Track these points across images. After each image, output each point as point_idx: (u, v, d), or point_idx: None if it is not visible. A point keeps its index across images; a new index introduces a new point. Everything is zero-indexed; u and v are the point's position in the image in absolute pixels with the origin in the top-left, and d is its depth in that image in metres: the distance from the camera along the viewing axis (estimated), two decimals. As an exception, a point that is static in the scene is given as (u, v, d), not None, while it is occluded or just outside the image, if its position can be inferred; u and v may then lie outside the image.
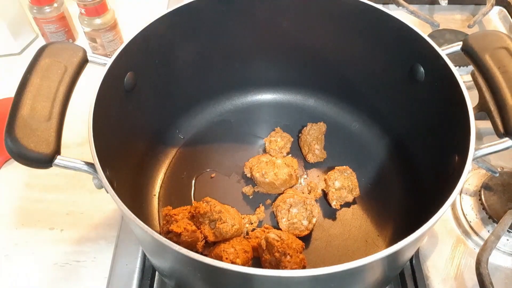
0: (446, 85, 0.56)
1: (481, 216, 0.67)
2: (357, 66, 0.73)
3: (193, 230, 0.59)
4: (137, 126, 0.67)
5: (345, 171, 0.70)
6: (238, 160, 0.75)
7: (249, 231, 0.66)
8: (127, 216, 0.43)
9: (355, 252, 0.64)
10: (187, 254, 0.40)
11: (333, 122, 0.79)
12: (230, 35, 0.72)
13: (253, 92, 0.83)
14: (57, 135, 0.46)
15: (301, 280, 0.40)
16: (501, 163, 0.73)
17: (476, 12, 1.05)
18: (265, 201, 0.70)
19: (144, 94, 0.66)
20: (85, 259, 0.64)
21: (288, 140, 0.76)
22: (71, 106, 0.50)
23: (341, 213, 0.69)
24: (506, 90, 0.49)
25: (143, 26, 0.61)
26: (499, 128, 0.69)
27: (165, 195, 0.71)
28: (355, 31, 0.68)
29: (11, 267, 0.63)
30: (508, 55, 0.52)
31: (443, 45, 0.62)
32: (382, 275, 0.51)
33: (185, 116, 0.79)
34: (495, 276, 0.62)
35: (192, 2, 0.65)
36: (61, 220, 0.68)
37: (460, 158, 0.50)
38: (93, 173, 0.47)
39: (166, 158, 0.75)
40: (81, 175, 0.50)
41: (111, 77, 0.56)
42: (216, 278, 0.46)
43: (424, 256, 0.64)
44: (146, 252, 0.63)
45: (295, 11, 0.69)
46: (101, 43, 0.89)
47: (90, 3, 0.83)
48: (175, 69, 0.71)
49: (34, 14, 0.88)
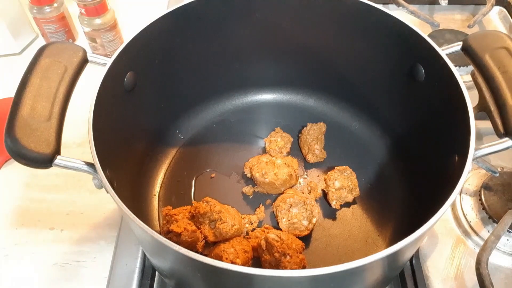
0: (446, 85, 0.56)
1: (481, 216, 0.67)
2: (357, 66, 0.73)
3: (193, 230, 0.59)
4: (137, 126, 0.67)
5: (345, 171, 0.70)
6: (238, 160, 0.75)
7: (249, 231, 0.66)
8: (127, 216, 0.43)
9: (355, 252, 0.64)
10: (187, 254, 0.40)
11: (333, 122, 0.79)
12: (230, 35, 0.72)
13: (253, 92, 0.83)
14: (57, 135, 0.46)
15: (301, 280, 0.40)
16: (501, 163, 0.73)
17: (476, 12, 1.05)
18: (265, 201, 0.70)
19: (144, 94, 0.66)
20: (85, 259, 0.64)
21: (288, 140, 0.76)
22: (71, 106, 0.50)
23: (341, 213, 0.69)
24: (506, 90, 0.50)
25: (143, 26, 0.61)
26: (499, 128, 0.69)
27: (165, 195, 0.71)
28: (355, 31, 0.68)
29: (11, 267, 0.63)
30: (508, 55, 0.52)
31: (443, 45, 0.62)
32: (382, 275, 0.51)
33: (185, 116, 0.79)
34: (495, 276, 0.62)
35: (192, 2, 0.65)
36: (61, 220, 0.68)
37: (460, 158, 0.50)
38: (93, 173, 0.47)
39: (166, 158, 0.75)
40: (81, 175, 0.50)
41: (111, 77, 0.56)
42: (216, 278, 0.46)
43: (424, 256, 0.64)
44: (146, 252, 0.63)
45: (295, 11, 0.69)
46: (101, 43, 0.89)
47: (90, 3, 0.83)
48: (175, 69, 0.71)
49: (34, 14, 0.88)
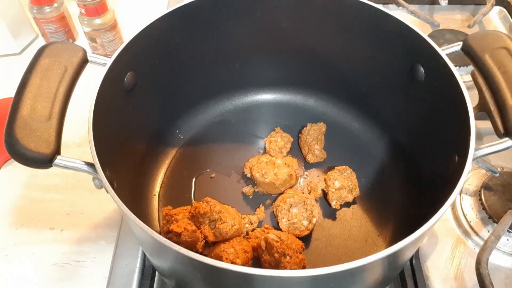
0: (446, 85, 0.56)
1: (481, 216, 0.67)
2: (357, 66, 0.73)
3: (193, 230, 0.59)
4: (137, 126, 0.67)
5: (345, 171, 0.70)
6: (238, 160, 0.75)
7: (249, 231, 0.66)
8: (127, 216, 0.43)
9: (355, 252, 0.64)
10: (187, 254, 0.40)
11: (333, 122, 0.79)
12: (230, 35, 0.72)
13: (253, 92, 0.83)
14: (57, 135, 0.46)
15: (301, 280, 0.40)
16: (501, 163, 0.73)
17: (476, 12, 1.05)
18: (265, 201, 0.70)
19: (144, 94, 0.66)
20: (85, 259, 0.64)
21: (288, 140, 0.76)
22: (71, 106, 0.50)
23: (341, 213, 0.69)
24: (506, 90, 0.50)
25: (143, 26, 0.61)
26: (499, 128, 0.69)
27: (165, 195, 0.71)
28: (355, 31, 0.68)
29: (11, 267, 0.63)
30: (508, 55, 0.52)
31: (443, 45, 0.62)
32: (382, 275, 0.51)
33: (185, 116, 0.79)
34: (495, 276, 0.62)
35: (192, 2, 0.65)
36: (61, 220, 0.68)
37: (460, 158, 0.50)
38: (93, 173, 0.47)
39: (166, 158, 0.75)
40: (81, 175, 0.50)
41: (111, 77, 0.56)
42: (216, 278, 0.46)
43: (424, 256, 0.64)
44: (146, 252, 0.63)
45: (295, 11, 0.69)
46: (101, 43, 0.89)
47: (90, 3, 0.83)
48: (175, 69, 0.71)
49: (34, 14, 0.88)
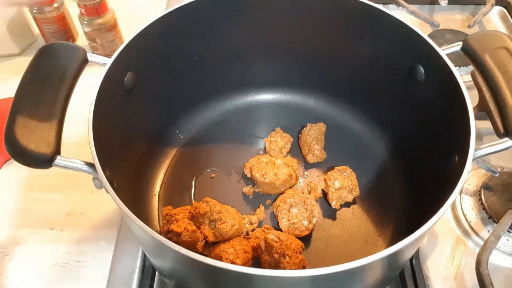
0: (446, 85, 0.56)
1: (481, 216, 0.67)
2: (357, 66, 0.73)
3: (193, 230, 0.59)
4: (137, 126, 0.67)
5: (345, 171, 0.70)
6: (238, 160, 0.75)
7: (249, 231, 0.66)
8: (127, 216, 0.43)
9: (355, 252, 0.64)
10: (187, 254, 0.40)
11: (333, 122, 0.79)
12: (230, 35, 0.72)
13: (253, 92, 0.83)
14: (57, 135, 0.46)
15: (301, 280, 0.40)
16: (501, 163, 0.73)
17: (476, 12, 1.05)
18: (265, 201, 0.70)
19: (144, 94, 0.66)
20: (85, 259, 0.64)
21: (288, 140, 0.76)
22: (71, 106, 0.50)
23: (341, 213, 0.69)
24: (506, 90, 0.49)
25: (143, 26, 0.61)
26: (499, 128, 0.69)
27: (165, 195, 0.71)
28: (355, 31, 0.68)
29: (11, 267, 0.63)
30: (508, 55, 0.52)
31: (443, 45, 0.62)
32: (382, 275, 0.51)
33: (185, 116, 0.79)
34: (495, 276, 0.62)
35: (192, 2, 0.65)
36: (61, 220, 0.68)
37: (460, 158, 0.50)
38: (93, 173, 0.47)
39: (166, 158, 0.75)
40: (81, 175, 0.50)
41: (111, 77, 0.56)
42: (216, 278, 0.45)
43: (424, 256, 0.64)
44: (146, 252, 0.63)
45: (295, 11, 0.69)
46: (101, 43, 0.89)
47: (90, 3, 0.83)
48: (175, 69, 0.71)
49: (34, 14, 0.88)
